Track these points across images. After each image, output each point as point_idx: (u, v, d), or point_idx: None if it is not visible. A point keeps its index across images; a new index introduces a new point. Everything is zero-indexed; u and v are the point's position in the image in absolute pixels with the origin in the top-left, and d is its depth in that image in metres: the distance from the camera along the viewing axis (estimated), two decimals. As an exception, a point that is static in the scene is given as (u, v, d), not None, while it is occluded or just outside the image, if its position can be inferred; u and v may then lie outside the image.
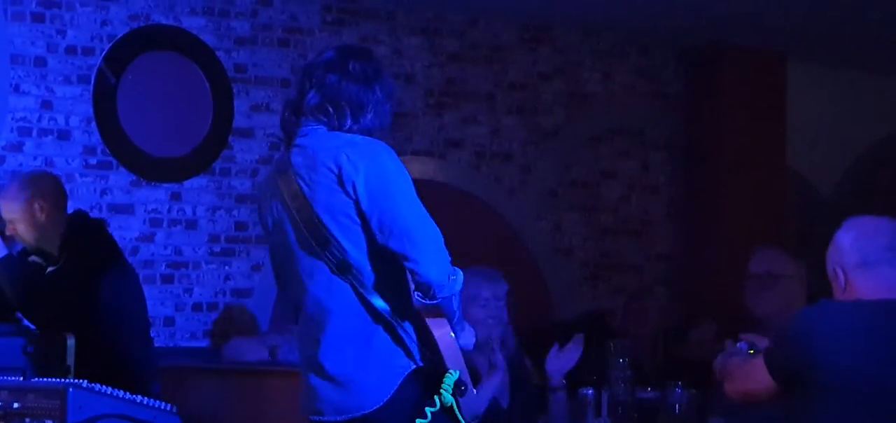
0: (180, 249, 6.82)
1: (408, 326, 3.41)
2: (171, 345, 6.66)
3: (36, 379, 3.88)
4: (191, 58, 6.86)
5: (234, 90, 6.98)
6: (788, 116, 8.60)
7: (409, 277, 3.41)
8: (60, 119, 6.52)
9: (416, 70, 7.57)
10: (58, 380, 3.78)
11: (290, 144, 3.53)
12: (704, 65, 8.47)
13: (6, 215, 5.06)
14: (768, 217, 8.25)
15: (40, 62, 6.47)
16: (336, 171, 3.36)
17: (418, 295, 3.40)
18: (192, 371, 5.83)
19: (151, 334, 5.48)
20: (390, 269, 3.41)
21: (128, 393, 3.49)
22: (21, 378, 4.02)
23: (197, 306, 6.85)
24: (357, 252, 3.39)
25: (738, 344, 4.03)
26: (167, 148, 6.80)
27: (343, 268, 3.39)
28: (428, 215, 3.44)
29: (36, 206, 5.01)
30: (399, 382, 3.38)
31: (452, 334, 3.46)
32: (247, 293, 6.98)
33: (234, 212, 6.97)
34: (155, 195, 6.76)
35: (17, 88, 6.42)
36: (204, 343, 6.79)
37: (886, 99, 9.24)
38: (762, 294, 5.13)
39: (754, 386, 3.68)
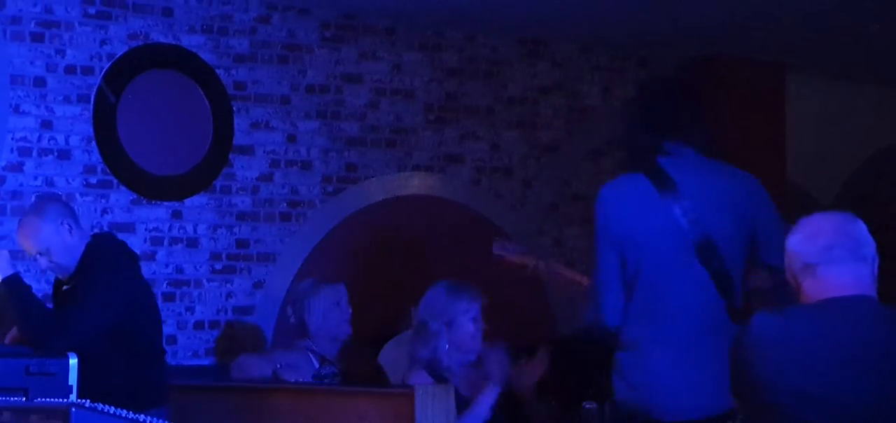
0: (181, 267, 6.81)
1: None
2: (174, 364, 6.63)
3: (39, 400, 3.87)
4: (190, 76, 6.86)
5: (234, 108, 6.98)
6: (788, 126, 8.60)
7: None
8: (60, 139, 6.51)
9: (415, 85, 7.57)
10: (61, 400, 3.78)
11: (646, 161, 3.96)
12: (703, 76, 8.47)
13: (35, 245, 5.06)
14: (769, 228, 8.24)
15: (40, 82, 6.48)
16: (741, 202, 3.85)
17: None
18: (194, 390, 5.82)
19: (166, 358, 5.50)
20: None
21: (131, 413, 3.48)
22: (23, 399, 4.02)
23: (199, 325, 6.85)
24: (734, 269, 3.86)
25: None
26: (167, 166, 6.79)
27: (723, 282, 3.83)
28: None
29: (65, 226, 5.05)
30: None
31: None
32: (248, 311, 6.97)
33: (235, 229, 6.97)
34: (155, 214, 6.76)
35: (16, 109, 6.42)
36: (206, 361, 6.78)
37: (886, 110, 9.24)
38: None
39: None
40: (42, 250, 5.04)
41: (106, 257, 5.11)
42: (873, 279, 3.35)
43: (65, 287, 5.08)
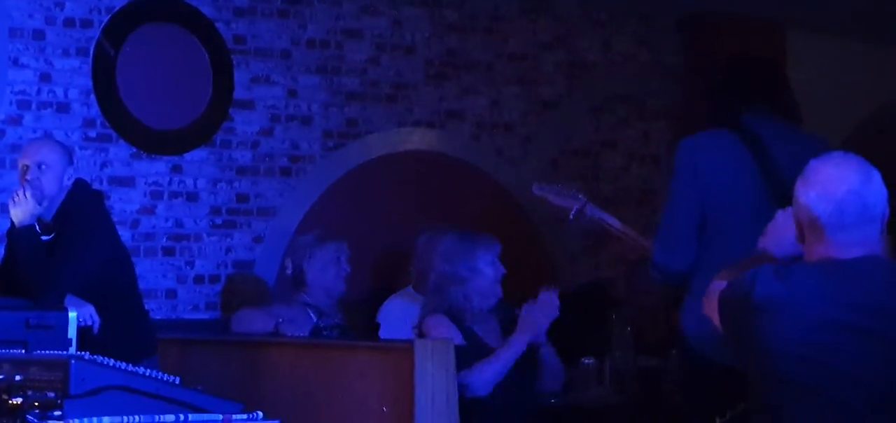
0: (181, 221, 6.81)
1: None
2: (173, 317, 6.66)
3: (38, 352, 3.88)
4: (190, 29, 6.84)
5: (234, 62, 6.96)
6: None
7: None
8: (59, 92, 6.50)
9: (416, 41, 7.55)
10: (60, 352, 3.79)
11: (734, 120, 4.22)
12: (704, 34, 8.45)
13: (42, 156, 5.08)
14: (769, 185, 8.24)
15: (39, 35, 6.46)
16: None
17: None
18: (193, 343, 5.84)
19: (146, 308, 5.52)
20: None
21: (130, 365, 3.49)
22: (23, 352, 4.03)
23: (199, 279, 6.85)
24: None
25: None
26: (167, 120, 6.78)
27: None
28: None
29: (68, 172, 5.09)
30: None
31: None
32: (248, 265, 6.98)
33: (236, 184, 6.96)
34: (155, 168, 6.76)
35: (15, 62, 6.40)
36: (206, 315, 6.80)
37: (887, 66, 9.22)
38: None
39: (713, 314, 3.48)
40: (44, 163, 5.04)
41: (90, 208, 5.13)
42: (881, 235, 3.32)
43: (43, 236, 5.05)
